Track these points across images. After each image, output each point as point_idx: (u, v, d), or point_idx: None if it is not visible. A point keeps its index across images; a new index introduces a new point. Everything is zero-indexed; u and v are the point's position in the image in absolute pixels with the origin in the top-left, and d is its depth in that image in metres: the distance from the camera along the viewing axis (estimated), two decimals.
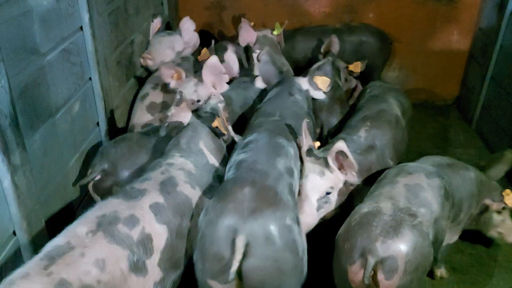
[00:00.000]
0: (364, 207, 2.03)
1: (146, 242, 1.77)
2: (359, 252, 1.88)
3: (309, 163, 2.29)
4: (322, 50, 3.60)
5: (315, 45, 4.01)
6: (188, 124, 2.37)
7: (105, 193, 2.35)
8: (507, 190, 2.48)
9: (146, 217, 1.82)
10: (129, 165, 2.40)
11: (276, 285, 1.82)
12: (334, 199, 2.32)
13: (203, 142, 2.30)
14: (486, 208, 2.49)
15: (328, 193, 2.29)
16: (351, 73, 3.51)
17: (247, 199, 1.79)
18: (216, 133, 2.41)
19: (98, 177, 2.36)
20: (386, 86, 3.23)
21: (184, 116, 2.40)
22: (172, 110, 2.40)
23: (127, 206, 1.81)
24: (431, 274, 2.61)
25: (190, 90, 2.84)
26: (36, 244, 1.92)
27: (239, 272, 1.74)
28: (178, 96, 2.50)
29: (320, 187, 2.26)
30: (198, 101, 2.84)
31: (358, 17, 4.40)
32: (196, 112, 2.49)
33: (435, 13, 4.33)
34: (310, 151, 2.30)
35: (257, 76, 3.11)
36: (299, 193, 2.27)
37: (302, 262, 1.90)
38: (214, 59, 2.82)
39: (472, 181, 2.44)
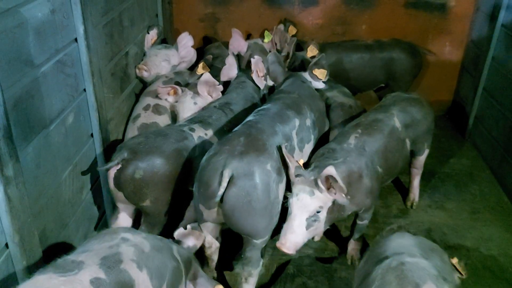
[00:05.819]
0: None
1: None
2: None
3: (299, 183, 2.33)
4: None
5: (346, 60, 4.05)
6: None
7: (126, 185, 2.40)
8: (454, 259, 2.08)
9: None
10: (148, 150, 2.44)
11: (244, 217, 2.22)
12: (323, 217, 2.35)
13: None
14: None
15: (317, 212, 2.32)
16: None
17: (240, 145, 2.25)
18: None
19: (119, 166, 2.39)
20: (402, 96, 3.12)
21: None
22: None
23: (62, 282, 1.52)
24: None
25: (190, 104, 3.11)
26: (29, 257, 1.89)
27: (221, 200, 2.19)
28: None
29: (310, 206, 2.30)
30: None
31: (351, 29, 4.44)
32: None
33: (427, 25, 4.38)
34: (298, 171, 2.33)
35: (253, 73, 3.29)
36: (290, 211, 2.33)
37: (272, 206, 2.27)
38: (206, 76, 3.12)
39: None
